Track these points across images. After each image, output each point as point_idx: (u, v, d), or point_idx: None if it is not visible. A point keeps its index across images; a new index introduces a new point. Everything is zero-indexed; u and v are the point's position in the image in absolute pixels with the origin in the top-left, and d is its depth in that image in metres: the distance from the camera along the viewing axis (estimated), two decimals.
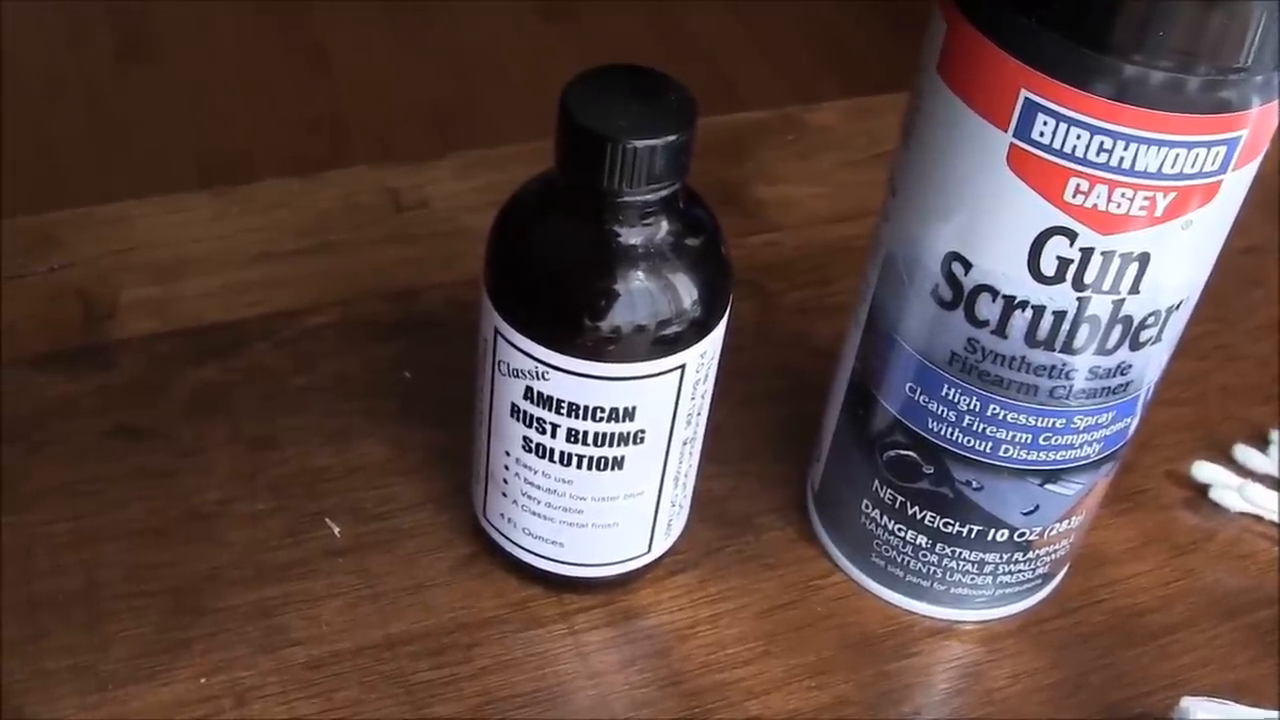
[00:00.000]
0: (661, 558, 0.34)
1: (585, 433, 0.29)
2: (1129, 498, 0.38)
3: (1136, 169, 0.26)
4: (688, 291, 0.28)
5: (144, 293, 0.40)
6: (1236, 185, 0.27)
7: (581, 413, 0.29)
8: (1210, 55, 0.25)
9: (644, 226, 0.28)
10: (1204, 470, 0.38)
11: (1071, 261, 0.27)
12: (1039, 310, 0.28)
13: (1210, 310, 0.44)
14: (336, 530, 0.34)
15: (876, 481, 0.32)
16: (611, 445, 0.29)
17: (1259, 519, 0.38)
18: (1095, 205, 0.26)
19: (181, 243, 0.41)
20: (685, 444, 0.31)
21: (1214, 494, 0.38)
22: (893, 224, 0.30)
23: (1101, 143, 0.26)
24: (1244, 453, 0.39)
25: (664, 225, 0.28)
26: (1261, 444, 0.40)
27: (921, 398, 0.30)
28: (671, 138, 0.27)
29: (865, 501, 0.33)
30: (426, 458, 0.36)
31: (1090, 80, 0.25)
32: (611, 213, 0.28)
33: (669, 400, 0.29)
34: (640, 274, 0.28)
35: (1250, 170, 0.27)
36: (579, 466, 0.30)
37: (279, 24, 1.43)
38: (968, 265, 0.28)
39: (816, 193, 0.47)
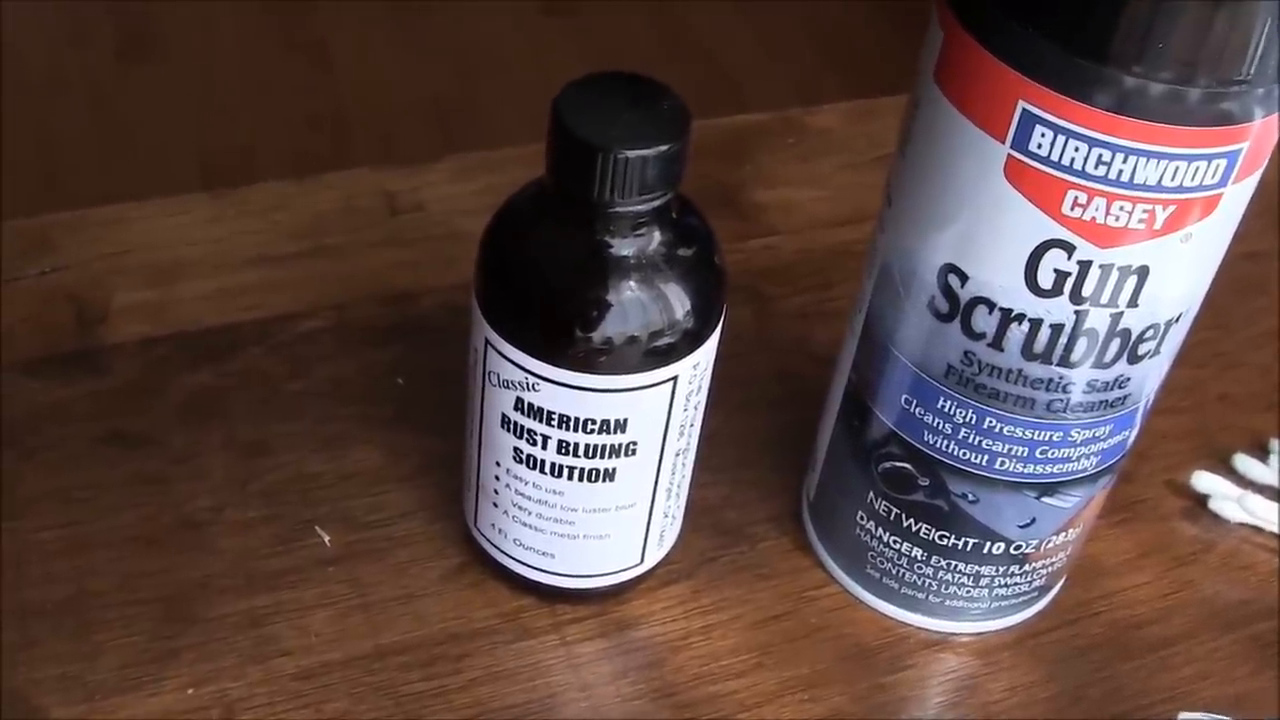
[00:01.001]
0: (654, 568, 0.33)
1: (576, 444, 0.29)
2: (1128, 508, 0.38)
3: (1136, 182, 0.26)
4: (680, 302, 0.28)
5: (137, 296, 0.39)
6: (1237, 198, 0.27)
7: (572, 424, 0.29)
8: (1211, 67, 0.24)
9: (636, 237, 0.28)
10: (1203, 480, 0.38)
11: (1069, 274, 0.27)
12: (1036, 323, 0.28)
13: (1210, 318, 0.44)
14: (327, 538, 0.34)
15: (871, 493, 0.32)
16: (603, 457, 0.29)
17: (1259, 530, 0.38)
18: (1094, 218, 0.26)
19: (176, 245, 0.41)
20: (678, 455, 0.31)
21: (1213, 504, 0.38)
22: (888, 234, 0.30)
23: (1100, 155, 0.25)
24: (1244, 462, 0.39)
25: (657, 235, 0.28)
26: (1261, 453, 0.39)
27: (917, 410, 0.30)
28: (664, 147, 0.27)
29: (860, 513, 0.33)
30: (419, 465, 0.36)
31: (1089, 91, 0.25)
32: (603, 223, 0.27)
33: (661, 412, 0.29)
34: (632, 285, 0.28)
35: (1251, 182, 0.27)
36: (570, 478, 0.30)
37: (281, 22, 1.42)
38: (964, 277, 0.28)
39: (817, 196, 0.47)
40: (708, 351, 0.29)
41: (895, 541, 0.33)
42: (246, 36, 1.41)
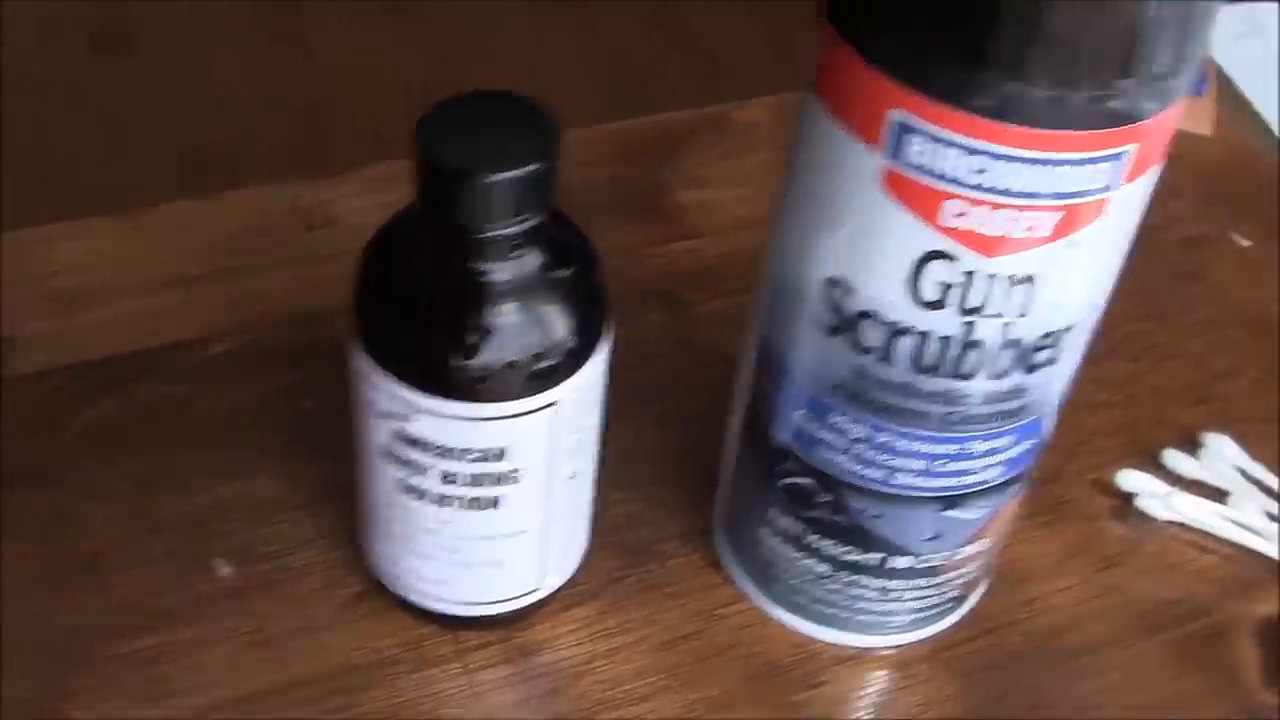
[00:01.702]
0: (557, 591, 0.33)
1: (458, 474, 0.28)
2: (1053, 509, 0.37)
3: (1017, 190, 0.25)
4: (559, 325, 0.27)
5: (37, 326, 0.39)
6: (1129, 199, 0.26)
7: (452, 454, 0.28)
8: (1093, 67, 0.23)
9: (510, 260, 0.27)
10: (1130, 479, 0.37)
11: (954, 286, 0.26)
12: (923, 336, 0.27)
13: (1144, 309, 0.43)
14: (226, 571, 0.33)
15: (775, 509, 0.31)
16: (486, 485, 0.28)
17: (1186, 527, 0.37)
18: (975, 228, 0.25)
19: (78, 271, 0.40)
20: (570, 479, 0.30)
21: (1140, 503, 0.37)
22: (777, 246, 0.29)
23: (979, 164, 0.24)
24: (1173, 458, 0.38)
25: (531, 257, 0.27)
26: (1192, 448, 0.38)
27: (812, 425, 0.29)
28: (532, 167, 0.26)
29: (765, 529, 0.32)
30: (319, 492, 0.35)
31: (964, 98, 0.24)
32: (475, 248, 0.26)
33: (542, 438, 0.28)
34: (506, 310, 0.27)
35: (1146, 182, 0.26)
36: (456, 507, 0.29)
37: (263, 12, 1.41)
38: (848, 290, 0.27)
39: (741, 195, 0.45)
40: (591, 374, 0.29)
41: (801, 557, 0.32)
42: (228, 28, 1.39)
